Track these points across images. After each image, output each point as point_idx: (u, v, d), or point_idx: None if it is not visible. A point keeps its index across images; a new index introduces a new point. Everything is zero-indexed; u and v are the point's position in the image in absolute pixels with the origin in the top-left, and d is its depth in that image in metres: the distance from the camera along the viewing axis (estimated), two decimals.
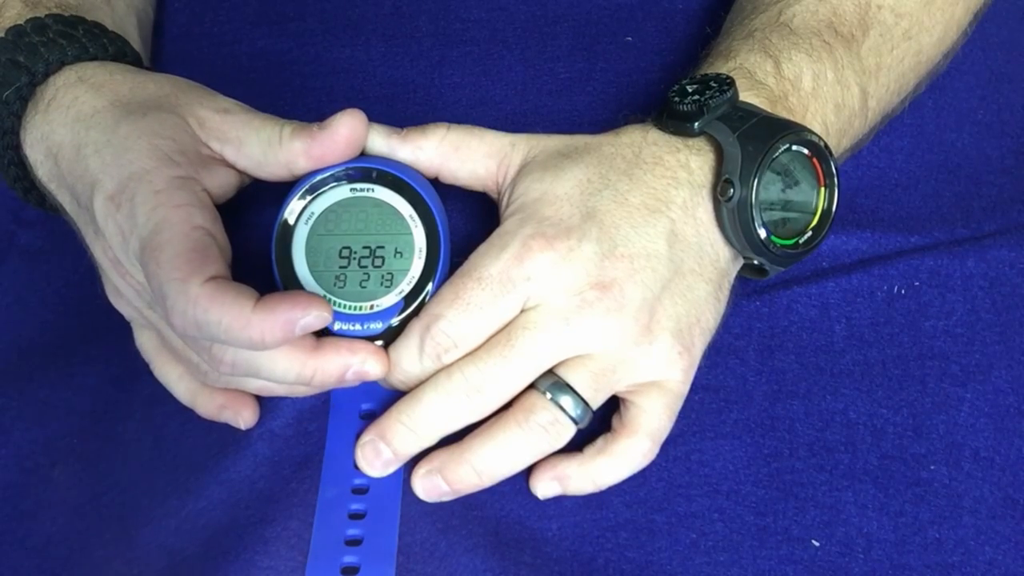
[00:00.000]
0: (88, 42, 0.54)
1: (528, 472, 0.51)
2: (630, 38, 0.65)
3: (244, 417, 0.52)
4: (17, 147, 0.54)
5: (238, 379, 0.51)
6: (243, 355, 0.48)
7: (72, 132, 0.51)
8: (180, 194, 0.48)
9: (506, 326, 0.49)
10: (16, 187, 0.56)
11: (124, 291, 0.52)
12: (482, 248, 0.50)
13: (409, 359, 0.50)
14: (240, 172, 0.52)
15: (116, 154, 0.49)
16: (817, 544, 0.51)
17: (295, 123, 0.51)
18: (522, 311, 0.49)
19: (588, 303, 0.49)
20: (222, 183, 0.51)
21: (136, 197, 0.47)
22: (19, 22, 0.55)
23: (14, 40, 0.54)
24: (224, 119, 0.51)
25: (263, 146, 0.50)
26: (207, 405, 0.53)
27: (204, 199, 0.49)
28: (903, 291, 0.58)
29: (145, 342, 0.54)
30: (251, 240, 0.54)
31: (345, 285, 0.51)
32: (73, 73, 0.53)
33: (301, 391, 0.51)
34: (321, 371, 0.48)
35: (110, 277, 0.52)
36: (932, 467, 0.53)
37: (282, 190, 0.52)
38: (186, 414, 0.54)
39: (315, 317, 0.46)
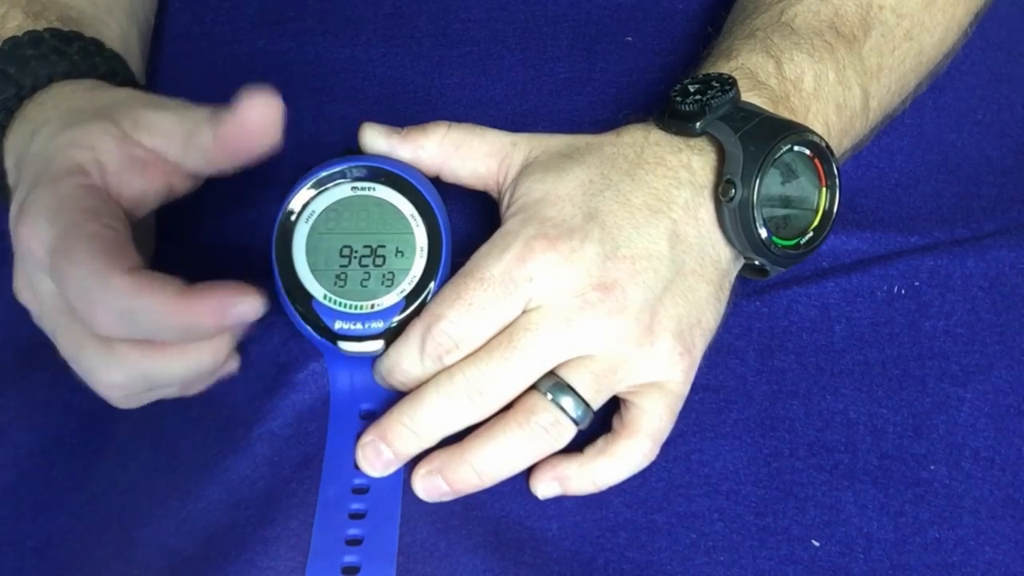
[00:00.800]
0: (80, 59, 0.54)
1: (528, 472, 0.51)
2: (630, 38, 0.65)
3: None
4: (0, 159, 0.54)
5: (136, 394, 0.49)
6: (133, 369, 0.46)
7: (24, 143, 0.51)
8: (86, 199, 0.47)
9: (508, 327, 0.49)
10: (3, 196, 0.56)
11: (31, 307, 0.51)
12: (484, 248, 0.50)
13: (410, 359, 0.50)
14: (175, 175, 0.51)
15: (37, 165, 0.49)
16: (817, 544, 0.51)
17: (211, 111, 0.48)
18: (524, 312, 0.49)
19: (590, 305, 0.49)
20: (147, 190, 0.50)
21: (40, 202, 0.47)
22: (18, 34, 0.55)
23: (9, 51, 0.54)
24: (157, 113, 0.50)
25: (186, 136, 0.49)
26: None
27: (113, 207, 0.48)
28: (903, 291, 0.58)
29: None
30: (251, 239, 0.54)
31: (346, 284, 0.51)
32: (55, 89, 0.53)
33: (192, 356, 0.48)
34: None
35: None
36: (932, 467, 0.53)
37: (281, 188, 0.52)
38: (185, 414, 0.53)
39: (248, 304, 0.43)
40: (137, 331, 0.44)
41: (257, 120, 0.46)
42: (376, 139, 0.53)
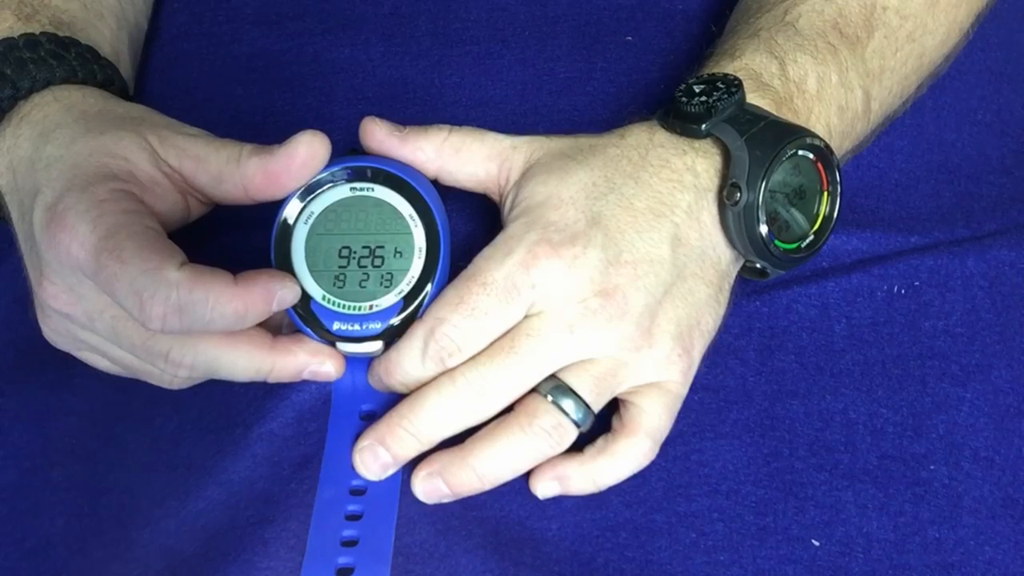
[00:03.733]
0: (78, 66, 0.55)
1: (528, 472, 0.51)
2: (630, 38, 0.65)
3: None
4: None
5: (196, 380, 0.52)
6: (202, 356, 0.49)
7: (33, 146, 0.51)
8: (125, 202, 0.48)
9: (509, 331, 0.49)
10: None
11: (51, 316, 0.52)
12: (487, 252, 0.50)
13: (412, 361, 0.50)
14: (193, 198, 0.52)
15: (63, 169, 0.49)
16: (817, 544, 0.51)
17: (255, 145, 0.50)
18: (526, 316, 0.49)
19: (592, 311, 0.49)
20: (171, 209, 0.52)
21: (78, 206, 0.47)
22: (12, 35, 0.55)
23: (4, 52, 0.54)
24: (186, 139, 0.51)
25: (221, 163, 0.50)
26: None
27: (149, 211, 0.50)
28: (903, 291, 0.58)
29: (107, 367, 0.54)
30: (250, 240, 0.54)
31: (344, 285, 0.51)
32: (50, 94, 0.54)
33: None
34: (279, 367, 0.50)
35: (38, 299, 0.52)
36: (932, 467, 0.53)
37: None
38: (185, 414, 0.54)
39: (289, 290, 0.48)
40: (193, 324, 0.46)
41: (306, 152, 0.49)
42: (376, 138, 0.53)
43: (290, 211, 0.51)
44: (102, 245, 0.46)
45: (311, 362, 0.50)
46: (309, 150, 0.49)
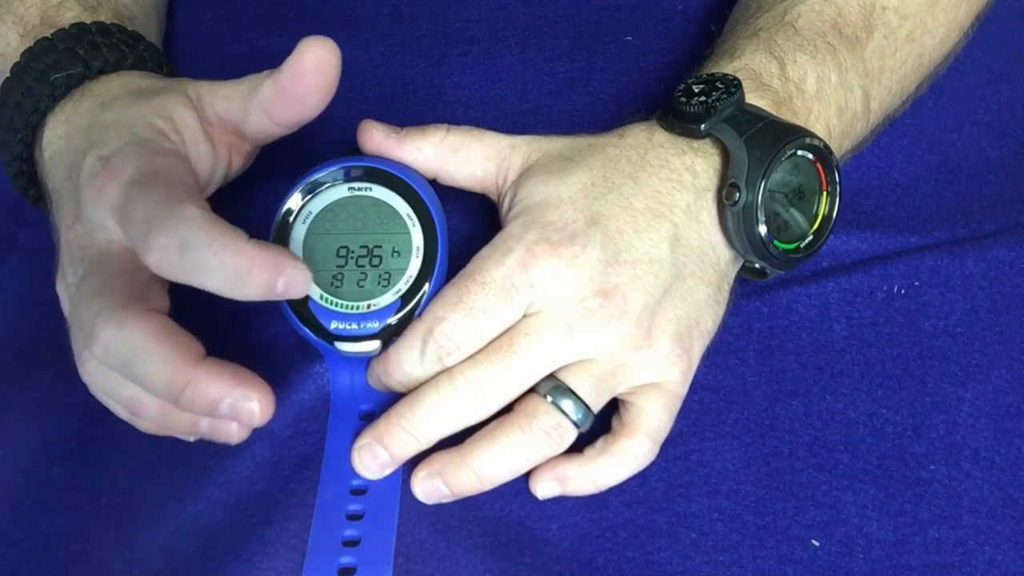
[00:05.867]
0: (147, 56, 0.56)
1: (528, 472, 0.51)
2: (630, 38, 0.65)
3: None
4: (36, 126, 0.55)
5: (110, 379, 0.48)
6: (119, 341, 0.45)
7: (91, 115, 0.52)
8: (174, 158, 0.49)
9: (508, 330, 0.49)
10: (12, 164, 0.56)
11: (66, 267, 0.51)
12: (485, 251, 0.50)
13: (410, 361, 0.50)
14: (234, 150, 0.53)
15: (119, 129, 0.50)
16: (817, 544, 0.51)
17: (271, 70, 0.49)
18: (525, 316, 0.50)
19: (591, 311, 0.49)
20: (213, 168, 0.52)
21: (131, 155, 0.48)
22: (83, 21, 0.56)
23: (77, 34, 0.55)
24: (218, 84, 0.52)
25: (244, 95, 0.50)
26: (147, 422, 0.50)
27: (193, 171, 0.50)
28: (903, 291, 0.58)
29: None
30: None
31: (342, 284, 0.51)
32: (119, 74, 0.55)
33: (174, 422, 0.48)
34: (194, 388, 0.44)
35: (64, 242, 0.51)
36: (932, 467, 0.53)
37: (279, 189, 0.52)
38: None
39: (300, 273, 0.44)
40: (190, 266, 0.44)
41: (314, 61, 0.47)
42: (374, 138, 0.53)
43: (288, 209, 0.51)
44: (136, 181, 0.46)
45: (233, 393, 0.45)
46: (314, 55, 0.47)
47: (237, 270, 0.43)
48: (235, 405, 0.45)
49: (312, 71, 0.47)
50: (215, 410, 0.45)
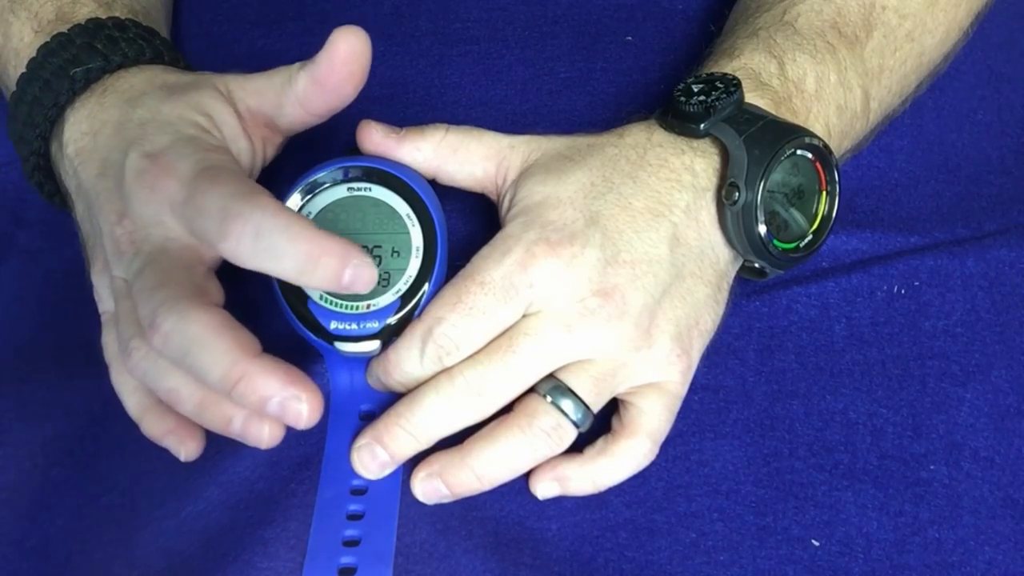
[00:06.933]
0: (164, 50, 0.57)
1: (528, 472, 0.51)
2: (630, 38, 0.65)
3: (187, 448, 0.50)
4: (53, 121, 0.55)
5: (157, 368, 0.48)
6: (180, 332, 0.45)
7: (120, 111, 0.52)
8: (224, 154, 0.50)
9: (508, 330, 0.50)
10: (30, 160, 0.56)
11: (114, 262, 0.51)
12: (485, 251, 0.50)
13: (410, 361, 0.50)
14: (268, 142, 0.54)
15: (160, 126, 0.50)
16: (817, 544, 0.51)
17: (304, 61, 0.51)
18: (524, 316, 0.50)
19: (590, 311, 0.49)
20: (250, 162, 0.53)
21: (183, 152, 0.48)
22: (99, 16, 0.56)
23: (94, 29, 0.55)
24: (248, 78, 0.53)
25: (277, 89, 0.51)
26: (154, 425, 0.51)
27: (238, 164, 0.51)
28: (903, 291, 0.58)
29: (110, 343, 0.53)
30: None
31: None
32: (136, 69, 0.55)
33: (209, 416, 0.48)
34: (248, 380, 0.45)
35: (109, 237, 0.51)
36: (932, 467, 0.53)
37: (279, 189, 0.52)
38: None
39: (366, 268, 0.44)
40: (263, 252, 0.44)
41: (348, 50, 0.48)
42: (374, 139, 0.53)
43: (291, 204, 0.52)
44: (199, 173, 0.47)
45: (285, 392, 0.45)
46: (347, 45, 0.48)
47: (309, 255, 0.44)
48: (285, 404, 0.45)
49: (346, 60, 0.48)
50: (264, 406, 0.45)
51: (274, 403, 0.45)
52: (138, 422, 0.52)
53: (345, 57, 0.49)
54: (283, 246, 0.44)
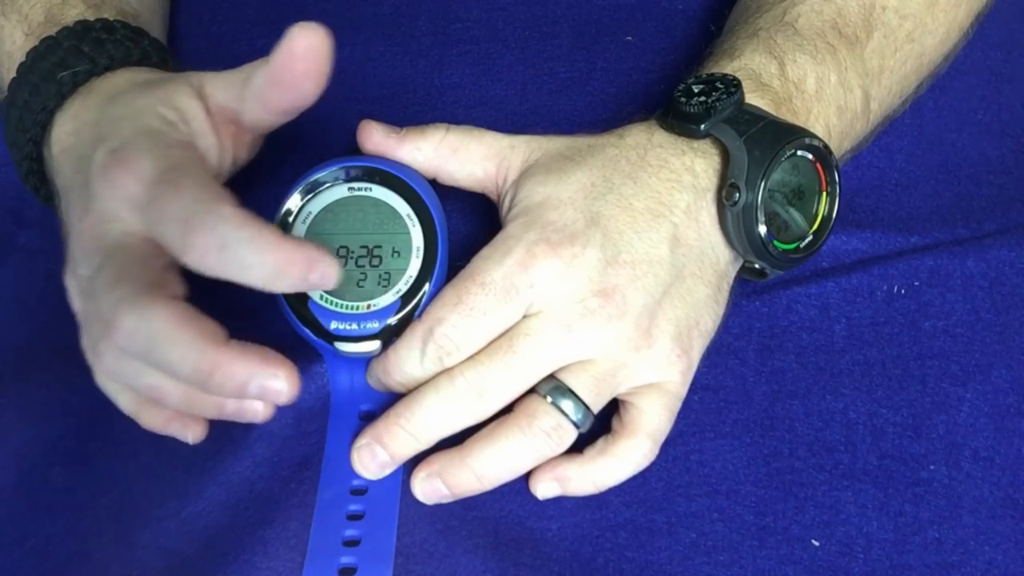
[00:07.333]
0: (153, 52, 0.56)
1: (528, 472, 0.51)
2: (630, 38, 0.65)
3: (193, 431, 0.50)
4: (45, 125, 0.55)
5: (132, 367, 0.48)
6: (141, 328, 0.45)
7: (99, 110, 0.52)
8: (188, 150, 0.49)
9: (508, 330, 0.50)
10: (23, 164, 0.56)
11: (79, 259, 0.50)
12: (485, 251, 0.50)
13: (410, 361, 0.50)
14: (239, 141, 0.53)
15: (127, 120, 0.50)
16: (817, 544, 0.51)
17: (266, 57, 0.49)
18: (525, 316, 0.50)
19: (590, 311, 0.49)
20: (220, 160, 0.52)
21: (143, 147, 0.48)
22: (87, 18, 0.56)
23: (81, 32, 0.55)
24: (220, 73, 0.51)
25: (240, 84, 0.50)
26: (152, 417, 0.51)
27: (205, 161, 0.50)
28: (903, 291, 0.58)
29: (87, 345, 0.52)
30: None
31: (342, 284, 0.51)
32: (123, 71, 0.55)
33: (199, 405, 0.48)
34: (222, 370, 0.44)
35: (75, 234, 0.51)
36: (932, 467, 0.53)
37: (279, 189, 0.52)
38: None
39: (330, 268, 0.44)
40: (230, 264, 0.44)
41: (304, 46, 0.46)
42: (374, 139, 0.53)
43: (288, 210, 0.51)
44: (161, 177, 0.46)
45: (261, 372, 0.45)
46: (304, 41, 0.46)
47: (275, 266, 0.43)
48: (264, 384, 0.45)
49: (302, 57, 0.47)
50: (244, 391, 0.45)
51: (253, 386, 0.45)
52: (135, 418, 0.51)
53: (302, 54, 0.47)
54: (249, 259, 0.43)
